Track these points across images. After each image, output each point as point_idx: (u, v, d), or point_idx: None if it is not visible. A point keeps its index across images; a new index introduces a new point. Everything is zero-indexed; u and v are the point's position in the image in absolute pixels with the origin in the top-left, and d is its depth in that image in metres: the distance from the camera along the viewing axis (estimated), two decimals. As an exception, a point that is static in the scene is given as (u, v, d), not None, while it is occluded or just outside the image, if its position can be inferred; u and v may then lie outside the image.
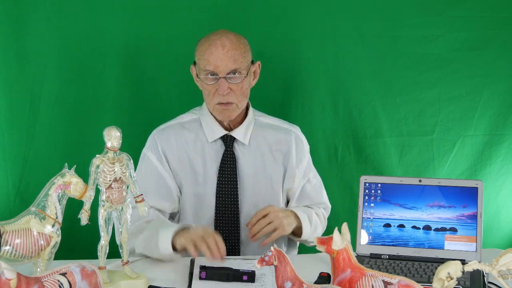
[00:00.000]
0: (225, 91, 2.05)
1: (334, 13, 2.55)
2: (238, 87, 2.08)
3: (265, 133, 2.22)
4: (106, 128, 1.62)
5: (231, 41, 2.05)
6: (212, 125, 2.18)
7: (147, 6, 2.47)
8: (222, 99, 2.08)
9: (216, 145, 2.18)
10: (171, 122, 2.23)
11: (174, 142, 2.17)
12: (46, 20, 2.41)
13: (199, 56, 2.09)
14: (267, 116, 2.29)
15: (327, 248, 1.50)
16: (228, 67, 2.04)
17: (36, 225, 1.58)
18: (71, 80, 2.46)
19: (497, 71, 2.62)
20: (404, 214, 1.94)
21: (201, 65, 2.08)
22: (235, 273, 1.75)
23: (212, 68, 2.05)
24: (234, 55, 2.04)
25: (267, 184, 2.20)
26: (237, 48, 2.05)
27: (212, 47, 2.04)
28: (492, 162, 2.66)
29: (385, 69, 2.60)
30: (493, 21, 2.59)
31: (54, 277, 1.39)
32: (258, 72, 2.19)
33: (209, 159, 2.17)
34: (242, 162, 2.18)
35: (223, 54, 2.03)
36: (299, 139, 2.25)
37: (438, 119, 2.64)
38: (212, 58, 2.04)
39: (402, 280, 1.40)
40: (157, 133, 2.19)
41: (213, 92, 2.08)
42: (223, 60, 2.03)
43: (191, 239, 1.87)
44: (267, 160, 2.21)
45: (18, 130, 2.45)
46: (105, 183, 1.63)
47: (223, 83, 2.05)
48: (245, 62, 2.08)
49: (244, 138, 2.18)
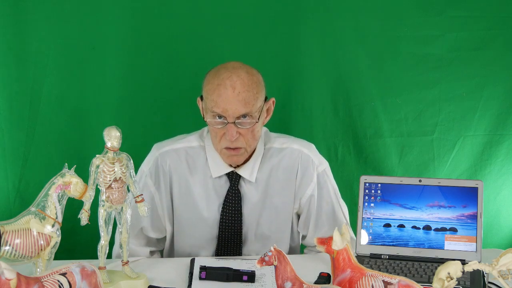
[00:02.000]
0: (233, 137, 1.88)
1: (334, 13, 2.55)
2: (248, 132, 1.90)
3: (273, 163, 2.05)
4: (106, 128, 1.62)
5: (242, 82, 1.86)
6: (217, 161, 2.01)
7: (147, 6, 2.47)
8: (230, 144, 1.91)
9: (221, 180, 2.03)
10: (177, 144, 2.06)
11: (179, 168, 2.03)
12: (46, 20, 2.41)
13: (206, 94, 1.91)
14: (277, 138, 2.10)
15: (327, 248, 1.50)
16: (238, 111, 1.86)
17: (36, 225, 1.58)
18: (71, 80, 2.46)
19: (497, 71, 2.62)
20: (404, 214, 1.94)
21: (208, 105, 1.89)
22: (235, 273, 1.75)
23: (220, 111, 1.86)
24: (246, 97, 1.85)
25: (272, 214, 2.06)
26: (249, 90, 1.86)
27: (221, 88, 1.86)
28: (492, 162, 2.66)
29: (385, 69, 2.60)
30: (493, 21, 2.59)
31: (54, 277, 1.39)
32: (272, 109, 2.02)
33: (213, 194, 2.03)
34: (248, 198, 2.04)
35: (233, 97, 1.85)
36: (306, 158, 2.06)
37: (438, 119, 2.64)
38: (220, 100, 1.85)
39: (402, 280, 1.40)
40: (160, 155, 2.04)
41: (221, 135, 1.91)
42: (233, 104, 1.85)
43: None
44: (275, 191, 2.06)
45: (18, 130, 2.44)
46: (105, 183, 1.63)
47: (231, 129, 1.87)
48: (257, 104, 1.89)
49: (251, 175, 2.02)
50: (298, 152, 2.07)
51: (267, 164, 2.05)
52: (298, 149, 2.07)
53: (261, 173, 2.04)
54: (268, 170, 2.05)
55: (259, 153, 2.04)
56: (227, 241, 2.06)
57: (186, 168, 2.03)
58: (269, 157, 2.06)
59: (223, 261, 1.89)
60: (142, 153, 2.14)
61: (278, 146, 2.07)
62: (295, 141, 2.11)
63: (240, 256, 2.09)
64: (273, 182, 2.06)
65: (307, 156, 2.07)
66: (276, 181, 2.06)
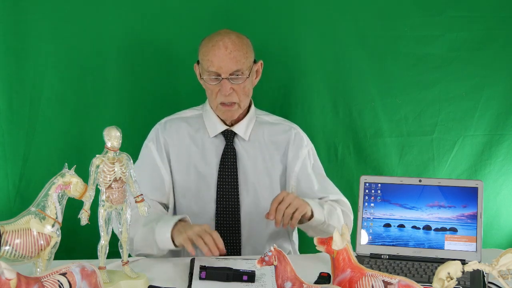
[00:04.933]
0: (227, 91, 2.10)
1: (334, 13, 2.55)
2: (240, 87, 2.12)
3: (265, 130, 2.25)
4: (106, 128, 1.62)
5: (233, 42, 2.09)
6: (214, 121, 2.22)
7: (147, 6, 2.47)
8: (224, 99, 2.12)
9: (217, 140, 2.21)
10: (173, 116, 2.28)
11: (176, 135, 2.22)
12: (46, 20, 2.41)
13: (202, 56, 2.13)
14: (268, 114, 2.32)
15: (327, 248, 1.50)
16: (231, 68, 2.08)
17: (36, 225, 1.58)
18: (71, 80, 2.46)
19: (497, 71, 2.62)
20: (404, 214, 1.94)
21: (204, 66, 2.12)
22: (235, 273, 1.75)
23: (215, 69, 2.08)
24: (237, 56, 2.08)
25: (266, 180, 2.22)
26: (239, 49, 2.09)
27: (215, 48, 2.08)
28: (492, 162, 2.66)
29: (385, 69, 2.60)
30: (493, 21, 2.59)
31: (54, 277, 1.39)
32: (260, 71, 2.23)
33: (210, 154, 2.21)
34: (242, 157, 2.21)
35: (226, 56, 2.07)
36: (298, 136, 2.27)
37: (438, 119, 2.64)
38: (215, 59, 2.08)
39: (402, 280, 1.40)
40: (159, 126, 2.24)
41: (216, 92, 2.12)
42: (226, 62, 2.07)
43: (188, 237, 1.87)
44: (267, 157, 2.24)
45: (18, 130, 2.45)
46: (105, 183, 1.63)
47: (225, 84, 2.09)
48: (247, 63, 2.11)
49: (245, 133, 2.22)
50: (291, 129, 2.27)
51: (260, 130, 2.25)
52: (289, 126, 2.28)
53: (255, 136, 2.23)
54: (261, 135, 2.24)
55: (252, 114, 2.25)
56: (225, 201, 2.17)
57: (184, 133, 2.23)
58: (262, 125, 2.26)
59: (223, 261, 1.90)
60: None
61: (271, 120, 2.29)
62: (284, 120, 2.33)
63: (240, 256, 2.10)
64: (265, 148, 2.23)
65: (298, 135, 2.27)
66: (267, 148, 2.24)
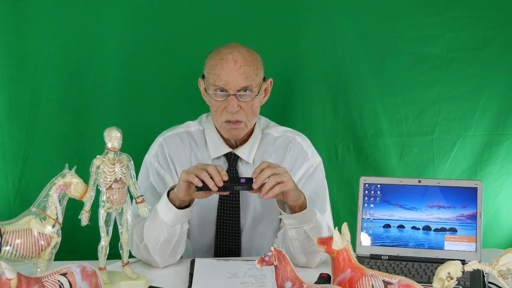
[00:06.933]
0: (234, 108, 1.96)
1: (334, 13, 2.55)
2: (248, 106, 1.98)
3: (270, 148, 2.12)
4: (107, 128, 1.63)
5: (243, 57, 1.96)
6: (216, 142, 2.09)
7: (147, 6, 2.47)
8: (230, 117, 1.98)
9: (219, 162, 2.09)
10: (178, 129, 2.15)
11: (182, 149, 2.10)
12: (46, 20, 2.41)
13: (209, 70, 1.99)
14: (274, 127, 2.18)
15: (327, 248, 1.50)
16: (239, 84, 1.95)
17: (37, 225, 1.58)
18: (71, 80, 2.46)
19: (497, 71, 2.62)
20: (404, 214, 1.94)
21: (211, 80, 1.98)
22: (232, 179, 1.78)
23: (222, 84, 1.95)
24: (246, 71, 1.95)
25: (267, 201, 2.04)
26: (249, 64, 1.96)
27: (223, 62, 1.95)
28: (492, 162, 2.66)
29: (385, 69, 2.60)
30: (493, 21, 2.59)
31: (55, 277, 1.39)
32: (269, 90, 2.10)
33: None
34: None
35: (235, 70, 1.94)
36: (298, 147, 2.12)
37: (438, 119, 2.64)
38: (222, 73, 1.94)
39: (402, 280, 1.40)
40: (164, 139, 2.11)
41: (222, 109, 1.99)
42: (234, 77, 1.94)
43: (190, 171, 1.80)
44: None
45: (18, 130, 2.45)
46: (106, 184, 1.63)
47: (232, 101, 1.95)
48: (257, 79, 1.98)
49: (249, 157, 2.09)
50: (293, 140, 2.13)
51: (264, 149, 2.12)
52: (291, 137, 2.14)
53: (259, 157, 2.10)
54: (265, 155, 2.11)
55: (257, 136, 2.11)
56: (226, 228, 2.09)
57: (188, 150, 2.10)
58: (266, 142, 2.13)
59: (223, 261, 1.90)
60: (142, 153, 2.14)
61: (276, 135, 2.15)
62: (290, 131, 2.17)
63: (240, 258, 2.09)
64: None
65: (299, 144, 2.13)
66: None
